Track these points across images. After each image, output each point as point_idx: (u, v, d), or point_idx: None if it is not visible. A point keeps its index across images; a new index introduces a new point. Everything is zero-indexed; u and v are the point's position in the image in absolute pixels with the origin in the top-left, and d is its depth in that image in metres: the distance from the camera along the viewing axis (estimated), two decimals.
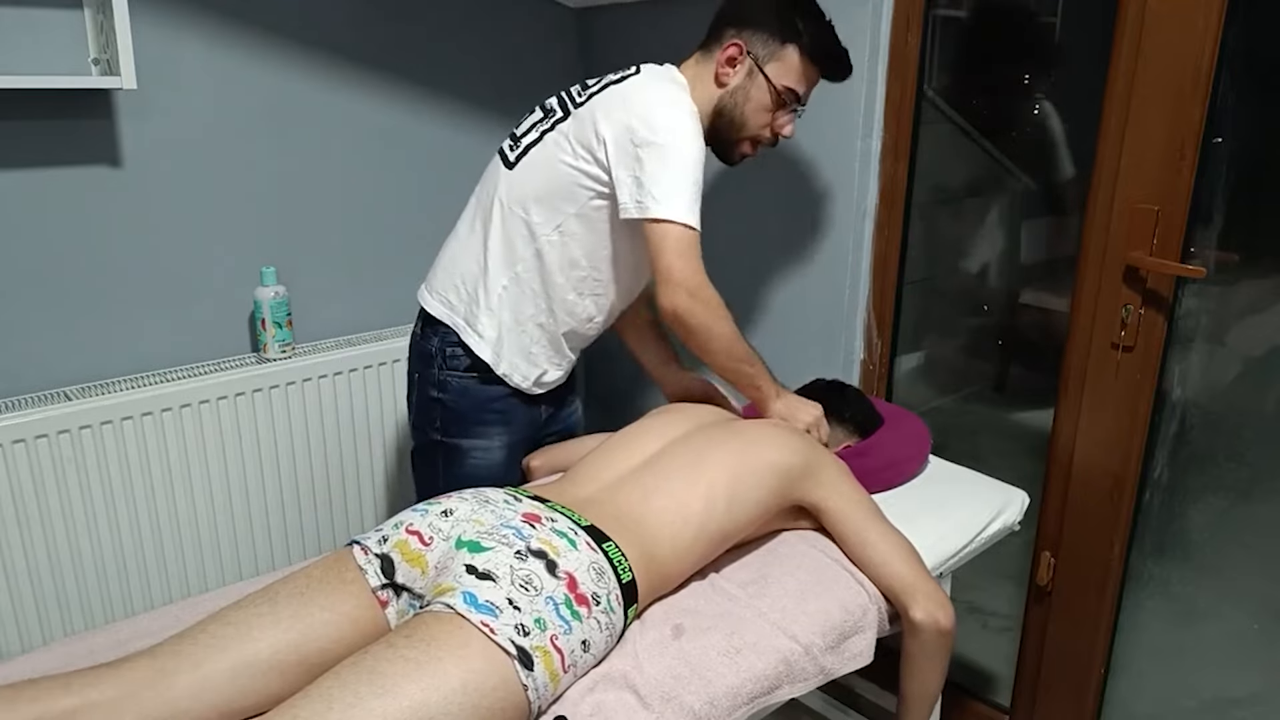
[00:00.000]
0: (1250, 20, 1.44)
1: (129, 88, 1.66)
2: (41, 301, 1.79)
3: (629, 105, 1.48)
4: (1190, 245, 1.55)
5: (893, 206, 1.92)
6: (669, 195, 1.42)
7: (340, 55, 2.05)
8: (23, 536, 1.73)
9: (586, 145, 1.49)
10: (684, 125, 1.46)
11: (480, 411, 1.65)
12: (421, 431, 1.71)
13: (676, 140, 1.44)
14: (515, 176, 1.56)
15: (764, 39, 1.54)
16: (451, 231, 1.69)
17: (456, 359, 1.63)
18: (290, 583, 1.11)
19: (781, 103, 1.58)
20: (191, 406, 1.89)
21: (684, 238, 1.42)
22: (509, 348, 1.61)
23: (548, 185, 1.53)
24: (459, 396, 1.64)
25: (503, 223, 1.57)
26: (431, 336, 1.65)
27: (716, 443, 1.38)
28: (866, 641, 1.30)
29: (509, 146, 1.60)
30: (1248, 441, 1.62)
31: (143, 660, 1.02)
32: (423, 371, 1.67)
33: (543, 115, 1.58)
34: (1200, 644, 1.74)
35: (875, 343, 2.01)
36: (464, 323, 1.62)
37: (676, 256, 1.42)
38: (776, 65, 1.55)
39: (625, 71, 1.56)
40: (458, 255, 1.64)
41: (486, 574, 1.06)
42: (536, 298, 1.59)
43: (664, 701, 1.08)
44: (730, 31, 1.55)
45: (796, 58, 1.56)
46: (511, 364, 1.62)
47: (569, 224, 1.54)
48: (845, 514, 1.39)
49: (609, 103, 1.49)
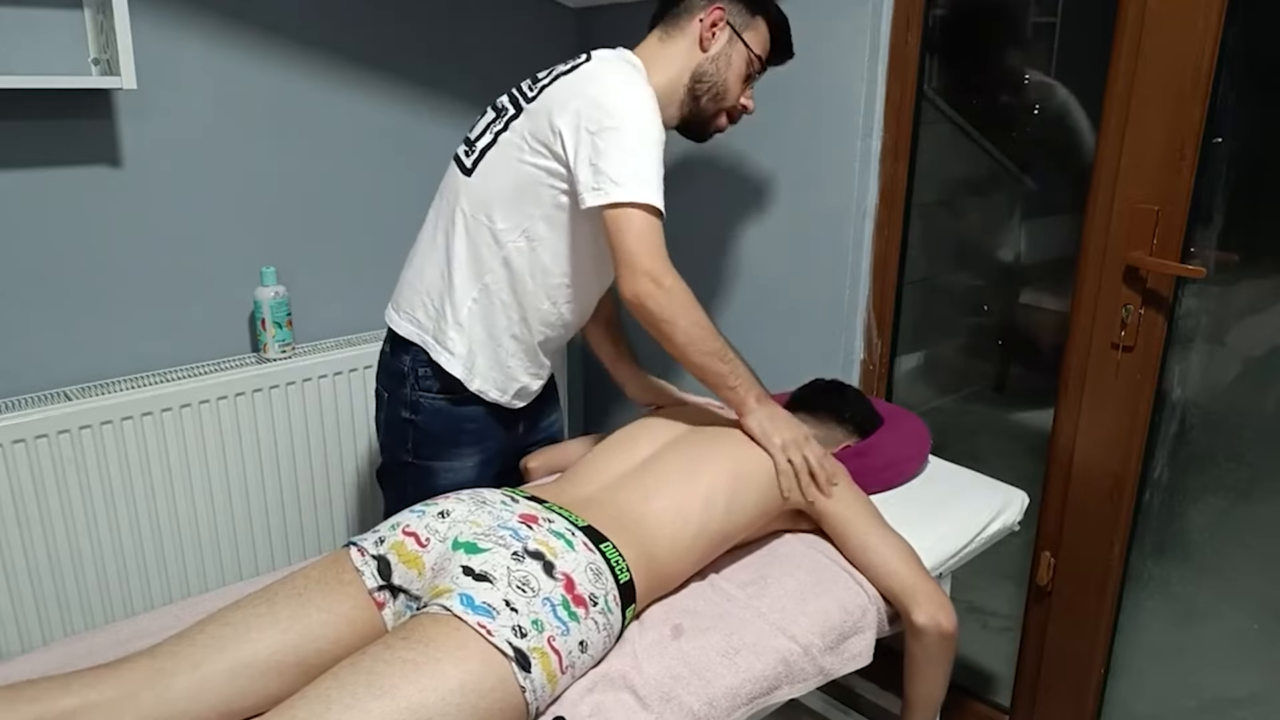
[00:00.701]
0: (1250, 20, 1.44)
1: (129, 88, 1.66)
2: (41, 301, 1.79)
3: (582, 92, 1.41)
4: (1190, 245, 1.55)
5: (893, 206, 1.92)
6: (628, 178, 1.35)
7: (340, 55, 2.05)
8: (23, 536, 1.73)
9: (543, 140, 1.42)
10: (641, 107, 1.40)
11: (454, 433, 1.59)
12: (390, 452, 1.65)
13: (633, 121, 1.38)
14: (474, 183, 1.50)
15: (739, 8, 1.54)
16: (413, 246, 1.62)
17: (428, 380, 1.56)
18: (288, 584, 1.12)
19: (751, 74, 1.58)
20: (191, 406, 1.89)
21: (646, 221, 1.35)
22: (481, 362, 1.54)
23: (509, 188, 1.46)
24: (432, 418, 1.58)
25: (466, 233, 1.50)
26: (403, 354, 1.58)
27: (716, 444, 1.38)
28: (866, 642, 1.30)
29: (464, 152, 1.54)
30: (1248, 441, 1.62)
31: (142, 661, 1.02)
32: (394, 391, 1.60)
33: (495, 115, 1.51)
34: (1200, 644, 1.74)
35: (875, 343, 2.01)
36: (433, 340, 1.55)
37: (638, 241, 1.35)
38: (751, 34, 1.55)
39: (575, 60, 1.50)
40: (423, 269, 1.57)
41: (483, 575, 1.06)
42: (508, 309, 1.52)
43: (663, 702, 1.08)
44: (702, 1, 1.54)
45: (765, 29, 1.56)
46: (486, 379, 1.56)
47: (535, 228, 1.47)
48: (844, 517, 1.38)
49: (561, 93, 1.43)
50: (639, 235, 1.35)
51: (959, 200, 1.99)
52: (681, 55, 1.54)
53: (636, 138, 1.37)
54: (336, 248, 2.14)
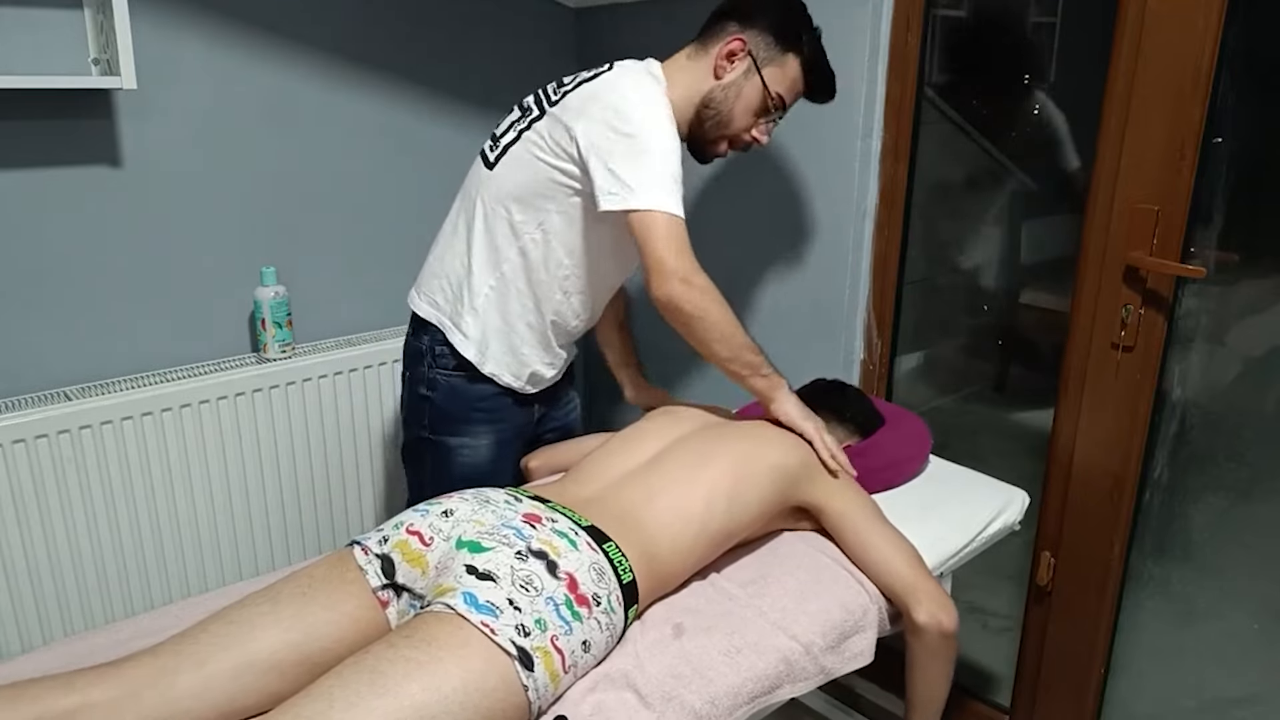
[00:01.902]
0: (1250, 20, 1.44)
1: (129, 88, 1.66)
2: (41, 301, 1.78)
3: (602, 100, 1.47)
4: (1190, 245, 1.55)
5: (893, 206, 1.92)
6: (648, 185, 1.41)
7: (340, 55, 2.05)
8: (23, 536, 1.73)
9: (561, 142, 1.48)
10: (657, 117, 1.46)
11: (467, 410, 1.65)
12: (410, 428, 1.72)
13: (650, 131, 1.44)
14: (496, 176, 1.57)
15: (767, 42, 1.54)
16: (437, 234, 1.70)
17: (444, 357, 1.64)
18: (292, 582, 1.12)
19: (768, 108, 1.57)
20: (191, 406, 1.89)
21: (671, 225, 1.41)
22: (495, 348, 1.61)
23: (527, 184, 1.53)
24: (446, 395, 1.65)
25: (485, 223, 1.58)
26: (422, 335, 1.66)
27: (718, 443, 1.39)
28: (867, 641, 1.30)
29: (489, 147, 1.61)
30: (1248, 441, 1.62)
31: (145, 659, 1.02)
32: (413, 370, 1.68)
33: (520, 114, 1.58)
34: (1200, 644, 1.74)
35: (875, 343, 2.01)
36: (449, 323, 1.63)
37: (665, 245, 1.41)
38: (774, 70, 1.55)
39: (599, 68, 1.55)
40: (443, 256, 1.65)
41: (487, 574, 1.06)
42: (523, 297, 1.59)
43: (665, 701, 1.08)
44: (733, 26, 1.54)
45: (796, 68, 1.56)
46: (499, 363, 1.62)
47: (550, 221, 1.54)
48: (846, 515, 1.39)
49: (582, 99, 1.49)
50: (664, 239, 1.40)
51: (959, 200, 1.99)
52: (699, 76, 1.57)
53: (652, 145, 1.43)
54: (336, 248, 2.14)
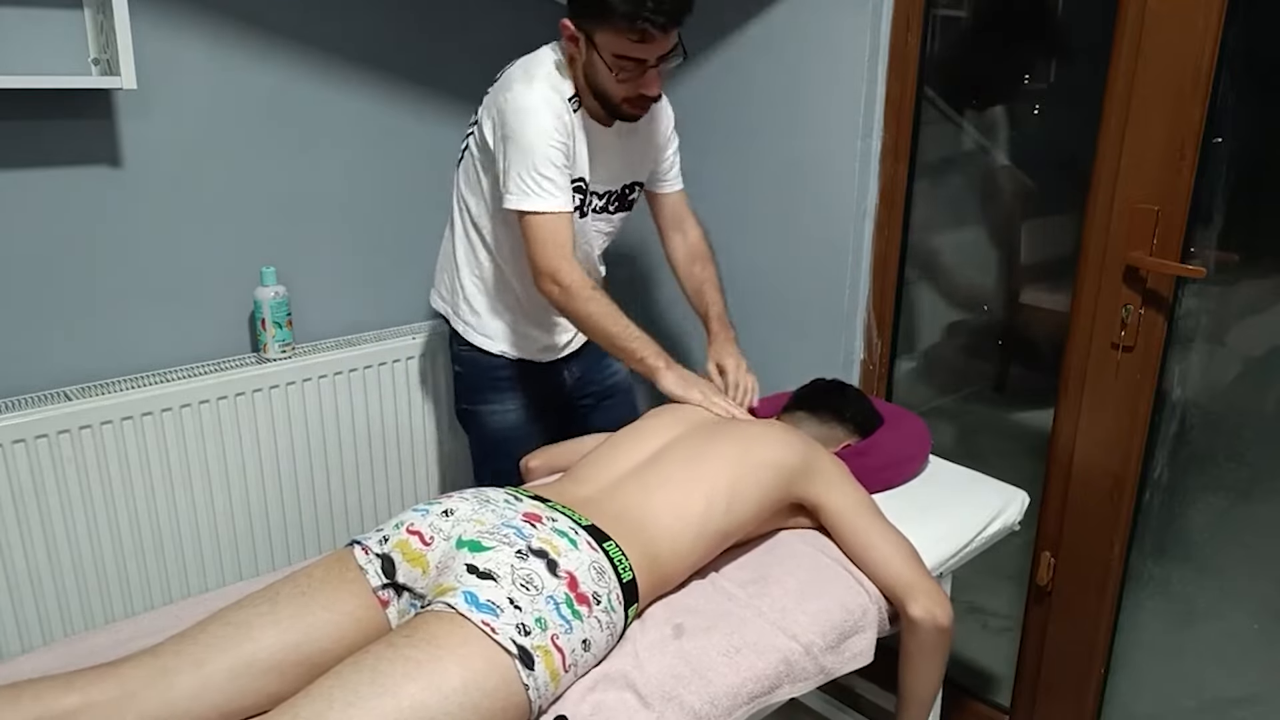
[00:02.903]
0: (1250, 20, 1.45)
1: (129, 88, 1.66)
2: (41, 301, 1.78)
3: (497, 100, 1.57)
4: (1190, 245, 1.55)
5: (893, 206, 1.92)
6: (519, 187, 1.52)
7: (340, 55, 2.05)
8: (23, 536, 1.73)
9: (481, 143, 1.62)
10: (529, 112, 1.52)
11: (488, 380, 1.80)
12: (457, 401, 1.91)
13: (519, 129, 1.51)
14: (459, 174, 1.72)
15: (582, 14, 1.51)
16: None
17: (461, 338, 1.81)
18: (291, 582, 1.11)
19: (624, 70, 1.52)
20: (191, 406, 1.88)
21: (541, 226, 1.51)
22: (495, 331, 1.77)
23: (474, 179, 1.67)
24: (469, 368, 1.82)
25: (460, 218, 1.73)
26: (444, 322, 1.86)
27: (717, 442, 1.39)
28: (867, 641, 1.30)
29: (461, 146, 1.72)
30: (1248, 441, 1.62)
31: (144, 659, 1.02)
32: (448, 351, 1.90)
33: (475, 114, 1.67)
34: (1200, 644, 1.74)
35: (875, 343, 2.01)
36: (452, 311, 1.81)
37: (536, 246, 1.52)
38: (601, 36, 1.50)
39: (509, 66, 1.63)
40: (443, 250, 1.83)
41: (487, 573, 1.06)
42: (504, 279, 1.73)
43: (664, 701, 1.08)
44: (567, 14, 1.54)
45: (610, 30, 1.49)
46: (506, 341, 1.77)
47: (498, 207, 1.62)
48: (844, 513, 1.39)
49: (486, 101, 1.61)
50: (536, 240, 1.53)
51: (959, 200, 1.99)
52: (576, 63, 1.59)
53: (523, 145, 1.51)
54: (336, 248, 2.14)
